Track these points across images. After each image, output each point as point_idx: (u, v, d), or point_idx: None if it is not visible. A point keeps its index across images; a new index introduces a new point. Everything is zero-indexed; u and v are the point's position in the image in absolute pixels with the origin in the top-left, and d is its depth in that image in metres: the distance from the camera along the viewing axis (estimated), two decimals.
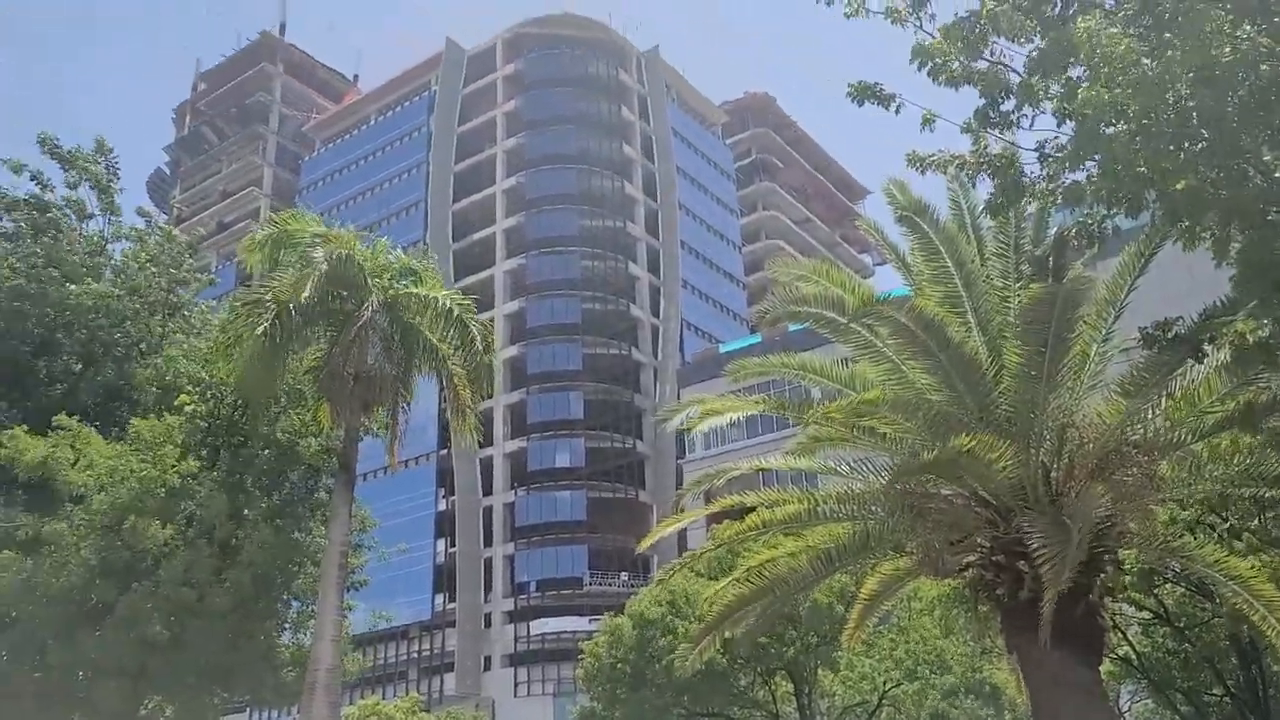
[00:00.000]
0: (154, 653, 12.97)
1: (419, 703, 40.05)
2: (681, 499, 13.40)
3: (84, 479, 12.35)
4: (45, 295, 14.53)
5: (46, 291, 14.54)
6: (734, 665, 22.88)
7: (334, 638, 13.47)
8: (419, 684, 67.24)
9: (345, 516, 14.24)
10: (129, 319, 15.30)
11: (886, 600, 11.49)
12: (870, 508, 9.58)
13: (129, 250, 16.57)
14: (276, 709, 17.57)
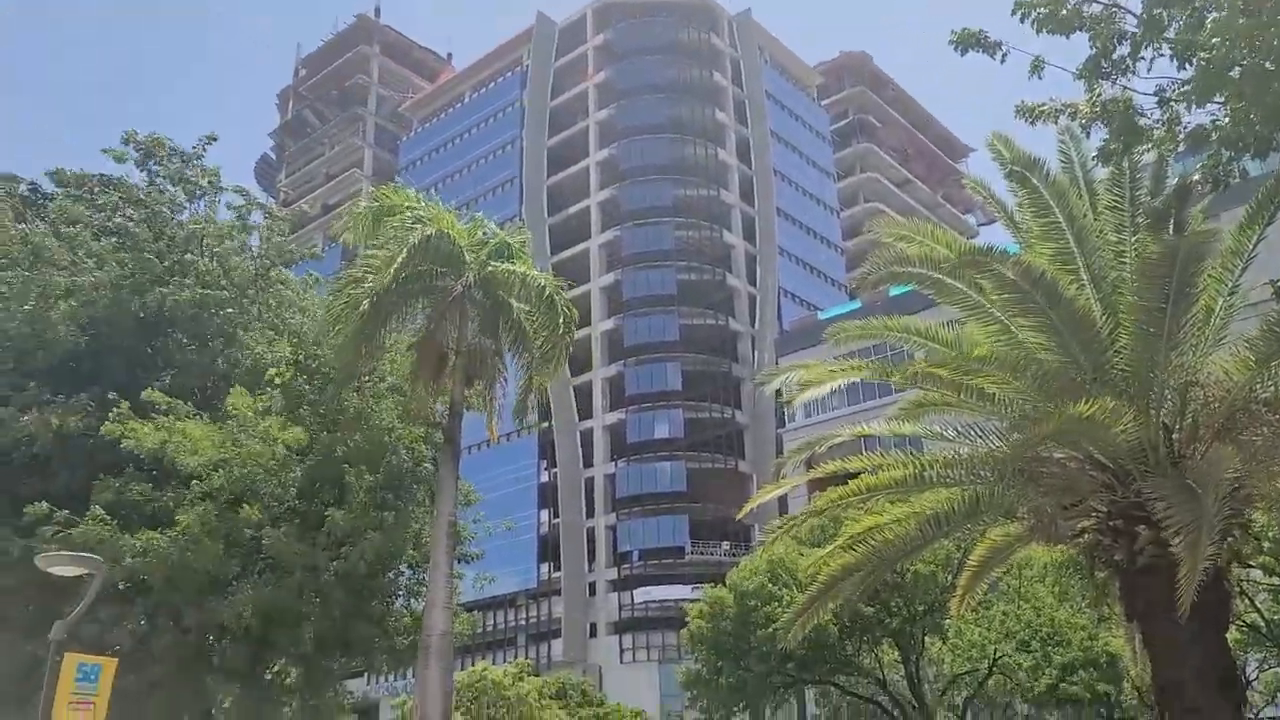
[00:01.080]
0: (276, 623, 13.50)
1: (527, 667, 40.91)
2: (782, 466, 13.27)
3: (197, 462, 12.94)
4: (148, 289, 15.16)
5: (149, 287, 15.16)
6: (840, 633, 22.71)
7: (445, 604, 13.80)
8: (527, 650, 68.79)
9: (451, 488, 14.53)
10: (228, 305, 15.85)
11: (996, 567, 11.18)
12: (979, 472, 9.31)
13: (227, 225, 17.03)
14: (392, 673, 18.14)
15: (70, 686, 8.70)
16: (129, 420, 13.04)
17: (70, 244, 15.19)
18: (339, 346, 13.73)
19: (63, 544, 11.40)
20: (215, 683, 13.88)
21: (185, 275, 15.47)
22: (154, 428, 13.05)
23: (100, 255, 15.26)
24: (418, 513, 15.67)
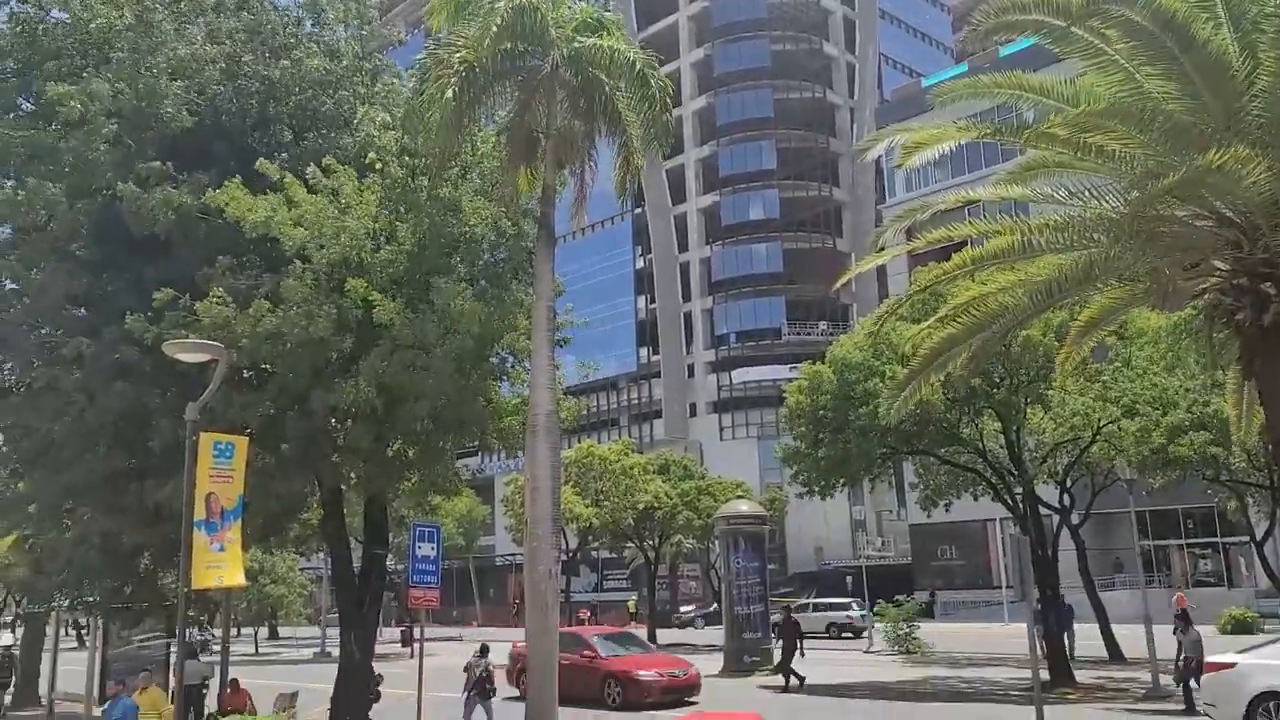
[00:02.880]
0: (395, 403, 14.16)
1: (631, 446, 42.70)
2: (881, 236, 12.95)
3: (303, 235, 13.17)
4: (256, 70, 15.01)
5: (255, 68, 15.02)
6: (941, 405, 22.79)
7: (549, 385, 14.26)
8: (629, 430, 71.73)
9: (548, 273, 14.69)
10: (334, 86, 15.66)
11: (1103, 331, 10.86)
12: (1093, 236, 8.88)
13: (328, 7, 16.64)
14: (503, 453, 19.12)
15: (209, 463, 9.43)
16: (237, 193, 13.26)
17: (178, 15, 14.99)
18: (431, 132, 13.63)
19: (188, 329, 12.00)
20: (341, 460, 14.80)
21: (292, 54, 15.23)
22: (262, 202, 13.30)
23: (211, 30, 15.05)
24: (517, 295, 15.95)
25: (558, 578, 13.38)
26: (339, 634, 17.75)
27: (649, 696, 20.83)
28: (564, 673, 18.42)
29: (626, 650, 23.04)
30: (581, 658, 21.88)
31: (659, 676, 21.42)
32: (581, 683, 20.81)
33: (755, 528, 31.40)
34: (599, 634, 24.37)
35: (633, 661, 22.09)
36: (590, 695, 20.83)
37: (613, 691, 21.32)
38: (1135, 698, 20.78)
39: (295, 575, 53.54)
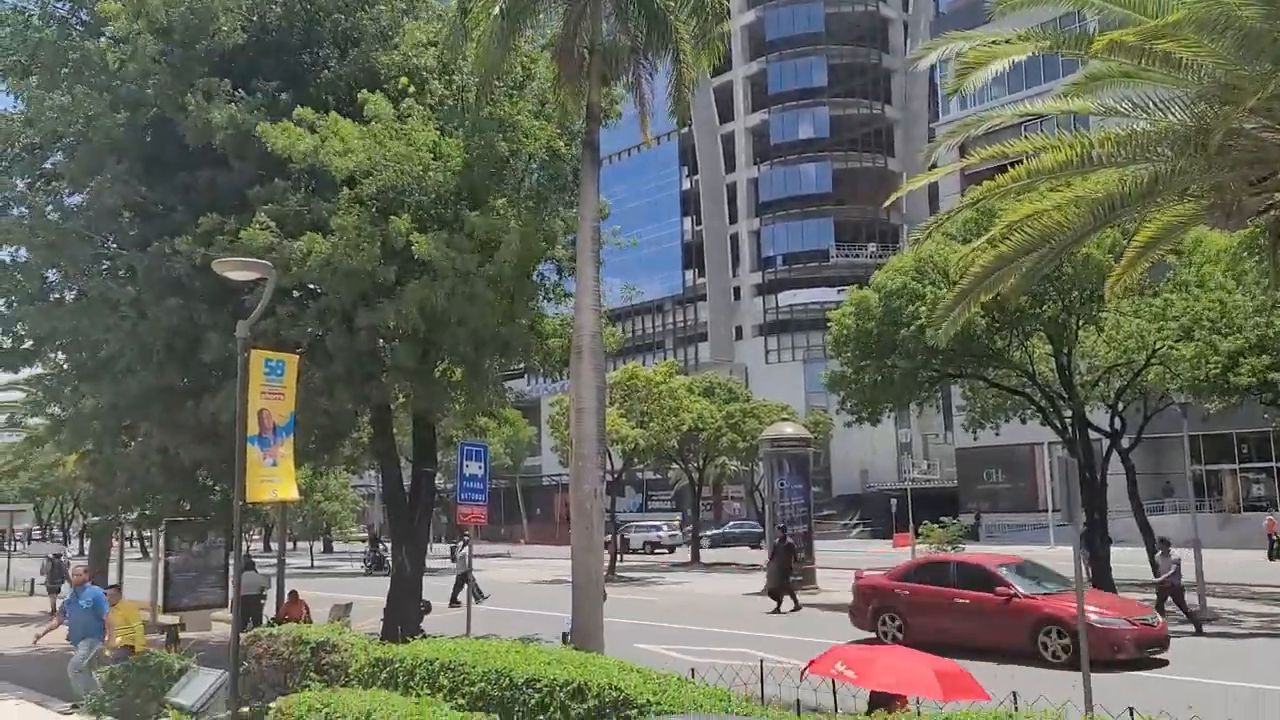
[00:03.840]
0: (439, 325, 14.29)
1: (675, 368, 42.76)
2: (933, 152, 12.61)
3: (349, 164, 13.20)
4: None
5: None
6: (989, 328, 22.45)
7: (593, 306, 14.22)
8: (674, 353, 71.80)
9: (593, 193, 14.52)
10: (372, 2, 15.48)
11: (1162, 249, 10.54)
12: (1157, 149, 8.55)
13: None
14: (548, 375, 19.26)
15: (260, 380, 9.60)
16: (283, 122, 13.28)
17: None
18: (475, 50, 13.43)
19: (235, 251, 12.15)
20: (389, 379, 15.02)
21: None
22: (308, 131, 13.31)
23: None
24: (563, 214, 15.88)
25: (602, 497, 13.54)
26: (391, 549, 18.24)
27: (1120, 652, 14.85)
28: (959, 615, 16.33)
29: (1050, 587, 16.86)
30: (990, 597, 16.40)
31: (1128, 625, 15.37)
32: (992, 629, 16.11)
33: (800, 450, 31.47)
34: (1005, 564, 17.68)
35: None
36: (1008, 645, 15.61)
37: (1054, 643, 15.43)
38: (1179, 619, 20.73)
39: (348, 492, 54.98)
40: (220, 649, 13.61)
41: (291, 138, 13.13)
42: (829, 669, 7.50)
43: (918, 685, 7.03)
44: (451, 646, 8.54)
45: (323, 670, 9.17)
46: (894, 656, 7.66)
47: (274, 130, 13.13)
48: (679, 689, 6.78)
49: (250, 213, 13.24)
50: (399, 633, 13.39)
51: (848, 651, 7.99)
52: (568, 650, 8.84)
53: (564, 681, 7.05)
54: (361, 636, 10.25)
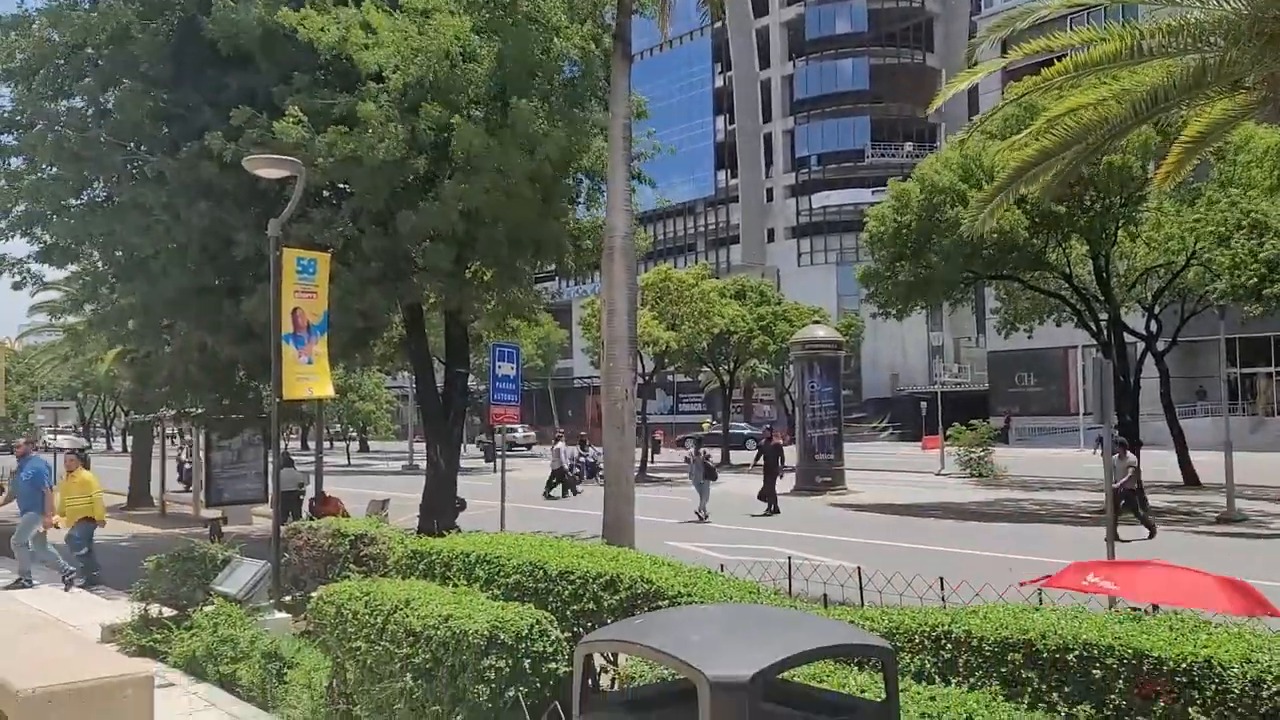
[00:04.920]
0: (475, 224, 14.22)
1: (707, 270, 42.54)
2: (975, 50, 12.20)
3: (378, 57, 12.96)
4: None
5: None
6: (1028, 230, 22.07)
7: (625, 208, 14.08)
8: (706, 255, 71.37)
9: (624, 90, 14.23)
10: None
11: (1211, 144, 10.22)
12: (1209, 39, 8.22)
13: None
14: (579, 277, 19.19)
15: (293, 278, 9.68)
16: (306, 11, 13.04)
17: None
18: None
19: (265, 147, 12.08)
20: (421, 280, 15.07)
21: None
22: (332, 20, 13.06)
23: None
24: (593, 118, 15.62)
25: (634, 398, 13.63)
26: (425, 448, 18.59)
27: None
28: None
29: None
30: None
31: None
32: None
33: (831, 353, 31.44)
34: None
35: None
36: None
37: None
38: (1207, 521, 20.82)
39: (382, 393, 55.86)
40: (261, 542, 14.06)
41: (315, 26, 12.88)
42: (1078, 582, 6.65)
43: (1201, 598, 5.93)
44: (487, 540, 8.74)
45: (361, 562, 9.46)
46: (1158, 567, 6.70)
47: (295, 17, 12.89)
48: (709, 582, 6.93)
49: (279, 113, 13.11)
50: (435, 527, 13.75)
51: (1095, 565, 7.06)
52: (601, 545, 9.04)
53: (597, 574, 7.22)
54: (399, 530, 10.54)
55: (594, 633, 4.38)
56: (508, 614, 5.94)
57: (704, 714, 3.20)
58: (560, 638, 6.05)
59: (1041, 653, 5.01)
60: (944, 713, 4.13)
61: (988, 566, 14.02)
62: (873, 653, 4.01)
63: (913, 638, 5.58)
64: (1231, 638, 4.72)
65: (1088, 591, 6.33)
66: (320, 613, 7.17)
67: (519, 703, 5.62)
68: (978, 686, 5.00)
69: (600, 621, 6.80)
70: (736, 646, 3.42)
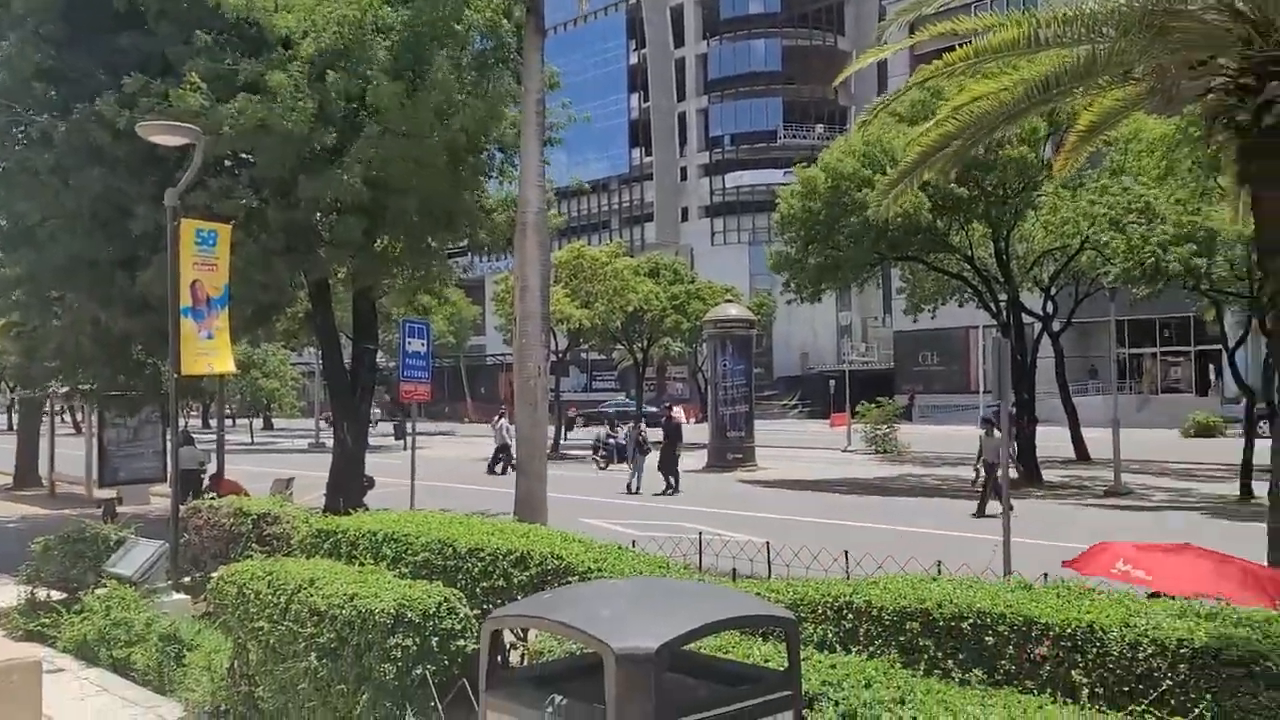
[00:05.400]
0: (384, 194, 13.94)
1: (621, 248, 42.57)
2: (884, 32, 12.43)
3: (289, 22, 12.56)
4: None
5: None
6: (932, 213, 22.64)
7: (538, 183, 13.96)
8: (620, 233, 71.37)
9: (537, 64, 14.08)
10: None
11: (1102, 135, 10.64)
12: (1102, 29, 8.53)
13: None
14: (492, 252, 18.98)
15: (192, 250, 9.36)
16: None
17: None
18: None
19: (162, 115, 11.61)
20: (328, 253, 14.72)
21: None
22: None
23: None
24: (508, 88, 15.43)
25: (546, 375, 13.59)
26: (333, 425, 18.25)
27: None
28: None
29: None
30: None
31: None
32: None
33: (743, 331, 31.82)
34: None
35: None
36: None
37: None
38: (1096, 494, 21.79)
39: (287, 369, 54.51)
40: (159, 522, 13.65)
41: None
42: (1108, 569, 6.14)
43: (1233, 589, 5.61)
44: (395, 518, 8.66)
45: (265, 541, 9.26)
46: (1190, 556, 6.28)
47: None
48: (619, 557, 6.99)
49: (177, 77, 12.59)
50: (342, 506, 13.51)
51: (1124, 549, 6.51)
52: (512, 522, 9.02)
53: (507, 550, 7.21)
54: (304, 509, 10.34)
55: (502, 609, 4.38)
56: (415, 592, 5.90)
57: (610, 686, 3.23)
58: (469, 615, 6.03)
59: (938, 621, 5.19)
60: (844, 679, 4.25)
61: (891, 539, 14.44)
62: (776, 623, 4.10)
63: (816, 608, 5.73)
64: (1112, 604, 4.97)
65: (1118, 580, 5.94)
66: (221, 593, 7.01)
67: (426, 680, 5.60)
68: (877, 654, 5.16)
69: (510, 598, 6.80)
70: (643, 619, 3.46)
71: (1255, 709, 4.13)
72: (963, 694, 4.06)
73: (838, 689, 4.19)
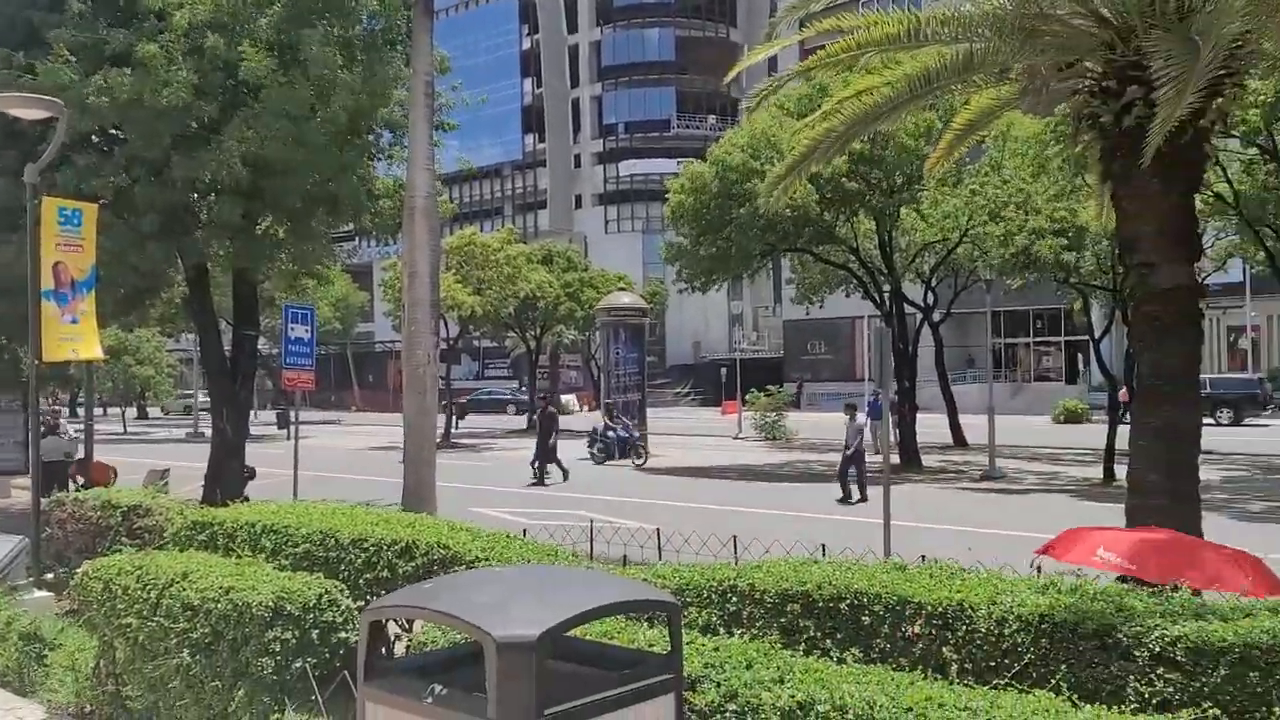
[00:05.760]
0: (264, 175, 13.48)
1: (514, 234, 42.21)
2: (775, 27, 12.59)
3: None
4: None
5: None
6: (820, 206, 23.14)
7: (427, 166, 13.71)
8: (513, 219, 70.71)
9: (427, 45, 13.80)
10: None
11: (980, 130, 11.05)
12: (977, 30, 8.85)
13: None
14: (380, 237, 18.54)
15: (55, 230, 8.87)
16: None
17: None
18: None
19: (25, 89, 10.94)
20: (206, 236, 14.16)
21: None
22: None
23: None
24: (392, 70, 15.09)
25: (436, 362, 13.38)
26: (211, 414, 17.61)
27: None
28: None
29: None
30: None
31: None
32: None
33: (636, 320, 31.96)
34: None
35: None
36: None
37: None
38: (972, 478, 22.68)
39: (163, 356, 52.28)
40: (21, 517, 12.95)
41: None
42: (1087, 557, 5.89)
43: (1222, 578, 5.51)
44: (275, 509, 8.42)
45: (135, 535, 8.89)
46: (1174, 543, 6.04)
47: None
48: (507, 546, 6.95)
49: (44, 47, 11.87)
50: (219, 497, 13.07)
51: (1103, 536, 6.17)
52: (397, 512, 8.87)
53: (392, 541, 7.09)
54: (179, 501, 9.96)
55: (381, 599, 4.31)
56: (295, 584, 5.76)
57: (491, 675, 3.21)
58: (351, 607, 5.92)
59: (818, 602, 5.33)
60: (725, 661, 4.33)
61: (778, 524, 14.75)
62: (659, 608, 4.14)
63: (702, 593, 5.81)
64: (981, 583, 5.19)
65: (1099, 568, 5.72)
66: (86, 589, 6.70)
67: (307, 674, 5.47)
68: (759, 636, 5.27)
69: (395, 589, 6.70)
70: (524, 607, 3.45)
71: (1107, 679, 4.38)
72: (839, 672, 4.17)
73: (720, 670, 4.26)
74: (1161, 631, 4.34)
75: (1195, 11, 7.52)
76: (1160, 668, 4.29)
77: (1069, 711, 3.60)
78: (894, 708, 3.72)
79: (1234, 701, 4.08)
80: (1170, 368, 7.73)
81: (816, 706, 3.87)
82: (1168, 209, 7.78)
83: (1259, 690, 4.06)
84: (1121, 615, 4.52)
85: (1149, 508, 7.45)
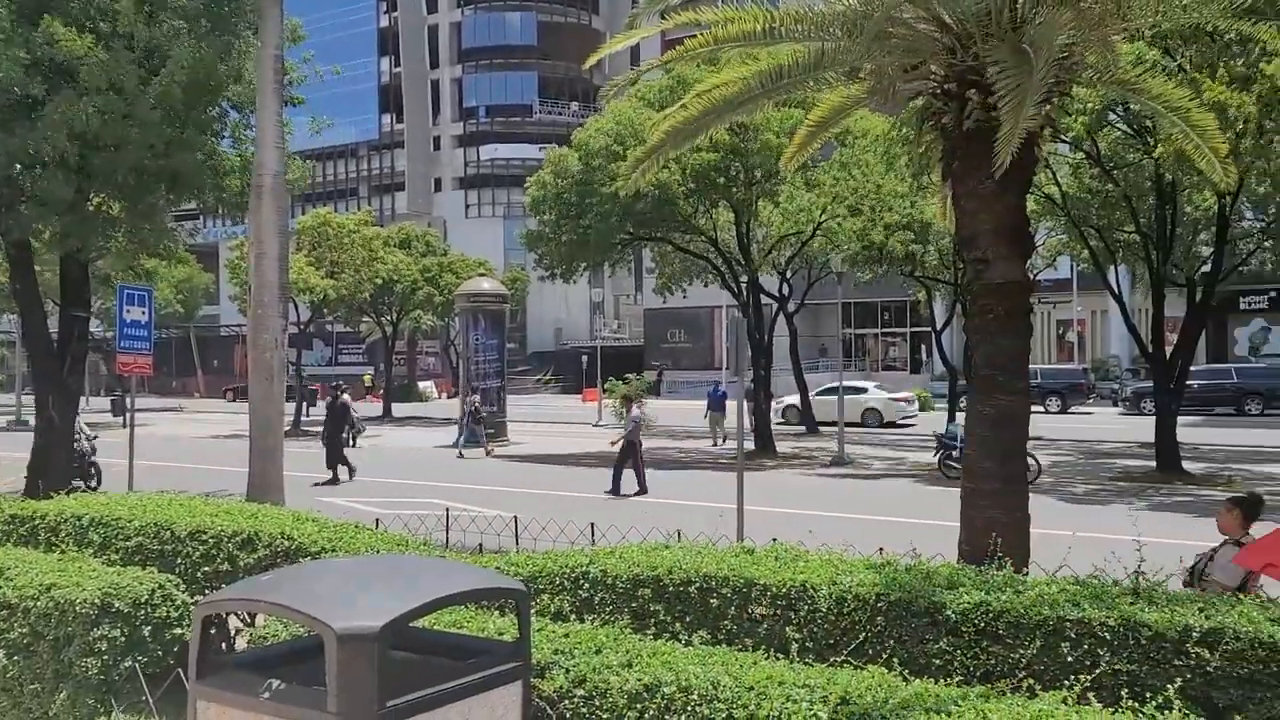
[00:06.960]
0: (93, 150, 12.73)
1: (371, 216, 41.09)
2: (637, 18, 12.66)
3: None
4: None
5: None
6: (681, 196, 23.45)
7: (276, 144, 13.19)
8: (369, 201, 68.82)
9: (276, 17, 13.25)
10: None
11: (832, 127, 11.43)
12: (830, 30, 9.14)
13: None
14: (227, 217, 17.74)
15: None
16: None
17: None
18: None
19: None
20: (32, 212, 13.23)
21: None
22: None
23: None
24: (239, 44, 14.41)
25: (284, 347, 12.90)
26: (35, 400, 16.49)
27: None
28: None
29: None
30: None
31: None
32: None
33: (496, 306, 31.64)
34: None
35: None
36: None
37: None
38: (822, 464, 23.49)
39: None
40: None
41: None
42: None
43: None
44: (105, 501, 7.99)
45: None
46: None
47: None
48: (355, 536, 6.79)
49: None
50: (42, 489, 12.26)
51: None
52: (239, 503, 8.54)
53: (233, 532, 6.83)
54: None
55: (216, 593, 4.14)
56: (124, 580, 5.48)
57: (331, 667, 3.14)
58: (187, 602, 5.67)
59: (668, 586, 5.42)
60: (574, 647, 4.36)
61: (637, 511, 14.91)
62: (507, 595, 4.14)
63: (554, 580, 5.82)
64: (822, 564, 5.38)
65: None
66: None
67: (136, 673, 5.21)
68: (610, 622, 5.32)
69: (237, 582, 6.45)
70: (366, 598, 3.38)
71: (936, 654, 4.62)
72: (686, 654, 4.26)
73: (569, 657, 4.29)
74: (986, 608, 4.60)
75: (1027, 23, 7.97)
76: (984, 641, 4.55)
77: (899, 686, 3.79)
78: (737, 687, 3.83)
79: (1047, 671, 4.38)
80: (1003, 358, 8.18)
81: (662, 689, 3.94)
82: (1003, 209, 8.20)
83: (1069, 660, 4.37)
84: (951, 594, 4.77)
85: (983, 491, 7.88)
